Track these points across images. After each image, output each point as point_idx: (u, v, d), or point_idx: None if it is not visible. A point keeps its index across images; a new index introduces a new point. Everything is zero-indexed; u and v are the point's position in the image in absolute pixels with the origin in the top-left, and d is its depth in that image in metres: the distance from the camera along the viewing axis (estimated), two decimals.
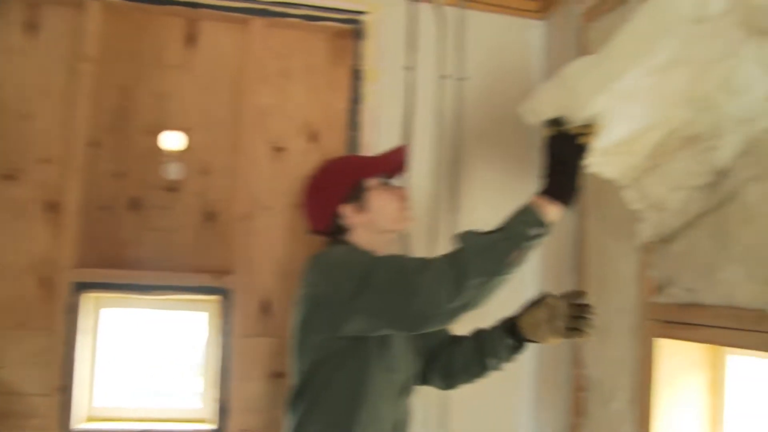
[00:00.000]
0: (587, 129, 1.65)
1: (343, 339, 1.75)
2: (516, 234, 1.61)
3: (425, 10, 2.74)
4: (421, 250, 2.61)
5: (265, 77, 2.60)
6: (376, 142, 2.60)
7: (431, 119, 2.72)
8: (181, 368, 2.71)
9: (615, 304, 2.18)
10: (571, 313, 1.82)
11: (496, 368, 1.98)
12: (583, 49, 2.54)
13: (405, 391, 1.91)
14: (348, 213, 1.90)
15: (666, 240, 1.94)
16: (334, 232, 1.95)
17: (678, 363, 1.94)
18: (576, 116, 1.66)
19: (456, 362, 2.01)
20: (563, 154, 1.66)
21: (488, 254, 1.59)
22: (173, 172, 2.50)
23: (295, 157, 2.62)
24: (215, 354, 2.45)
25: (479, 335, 1.99)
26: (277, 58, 2.64)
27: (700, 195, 1.80)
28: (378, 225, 1.92)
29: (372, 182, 1.93)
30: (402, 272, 1.63)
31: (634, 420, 2.02)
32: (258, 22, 2.55)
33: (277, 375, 2.47)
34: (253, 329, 2.48)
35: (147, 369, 2.66)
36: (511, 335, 1.91)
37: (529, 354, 2.71)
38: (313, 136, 2.66)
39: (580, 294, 1.89)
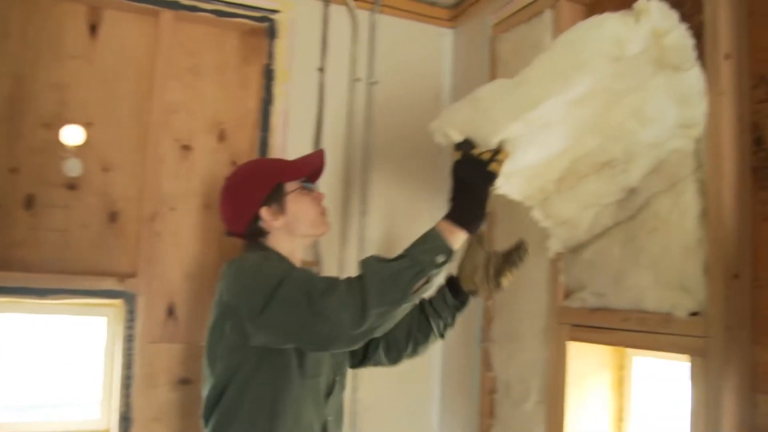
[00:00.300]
0: (497, 155, 1.66)
1: (256, 347, 1.70)
2: (420, 262, 1.59)
3: (338, 12, 2.73)
4: (330, 253, 2.60)
5: (174, 73, 2.51)
6: (286, 143, 2.57)
7: (342, 122, 2.71)
8: (78, 377, 2.57)
9: (526, 309, 2.25)
10: (506, 257, 1.87)
11: (440, 333, 1.97)
12: (493, 59, 2.60)
13: (332, 391, 1.88)
14: (266, 216, 1.87)
15: (577, 249, 2.02)
16: (252, 234, 1.90)
17: (587, 364, 2.03)
18: (487, 140, 1.66)
19: (399, 334, 1.99)
20: (471, 180, 1.66)
21: (392, 284, 1.57)
22: (72, 168, 2.35)
23: (204, 157, 2.54)
24: (117, 361, 2.34)
25: (421, 307, 1.99)
26: (187, 54, 2.55)
27: (610, 210, 1.89)
28: (296, 229, 1.90)
29: (291, 186, 1.90)
30: (308, 294, 1.58)
31: (545, 420, 2.08)
32: (167, 15, 2.46)
33: (185, 382, 2.39)
34: (158, 335, 2.38)
35: (40, 378, 2.51)
36: (451, 291, 1.94)
37: (436, 358, 2.77)
38: (222, 136, 2.58)
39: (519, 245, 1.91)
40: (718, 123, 1.67)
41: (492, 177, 1.66)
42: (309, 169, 1.97)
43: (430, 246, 1.62)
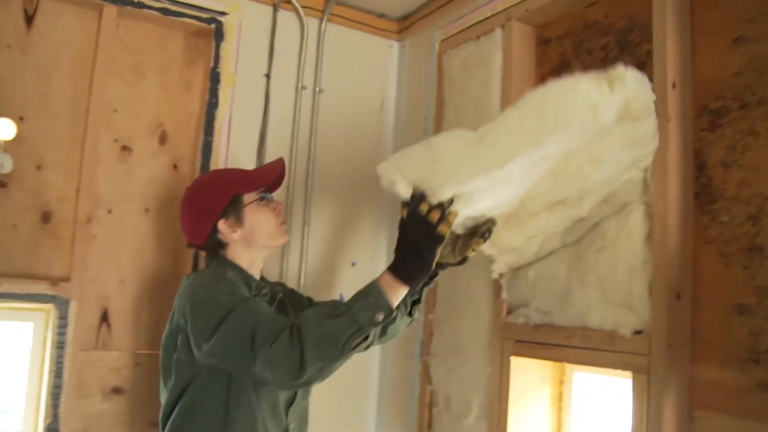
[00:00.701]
0: (447, 215, 1.61)
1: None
2: (359, 321, 1.56)
3: (287, 19, 2.71)
4: (272, 263, 2.56)
5: (115, 70, 2.42)
6: (230, 148, 2.52)
7: (287, 129, 2.69)
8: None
9: (468, 324, 2.27)
10: (473, 231, 1.84)
11: (408, 311, 1.93)
12: (440, 74, 2.64)
13: (294, 399, 1.87)
14: (224, 229, 1.85)
15: (521, 268, 2.06)
16: (212, 247, 1.89)
17: (528, 380, 2.07)
18: (441, 194, 1.60)
19: None
20: (417, 240, 1.61)
21: (330, 343, 1.54)
22: (2, 164, 2.22)
23: (144, 159, 2.46)
24: (45, 369, 2.22)
25: None
26: (129, 52, 2.47)
27: (558, 236, 1.93)
28: (255, 241, 1.88)
29: (249, 198, 1.89)
30: (252, 336, 1.56)
31: None
32: (111, 10, 2.37)
33: (117, 391, 2.30)
34: (91, 342, 2.29)
35: None
36: None
37: (374, 371, 2.76)
38: (164, 138, 2.51)
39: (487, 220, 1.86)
40: (665, 149, 1.73)
41: (440, 239, 1.61)
42: (267, 179, 1.96)
43: (372, 303, 1.58)
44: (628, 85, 1.62)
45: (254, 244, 1.89)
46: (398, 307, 1.86)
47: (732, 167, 1.68)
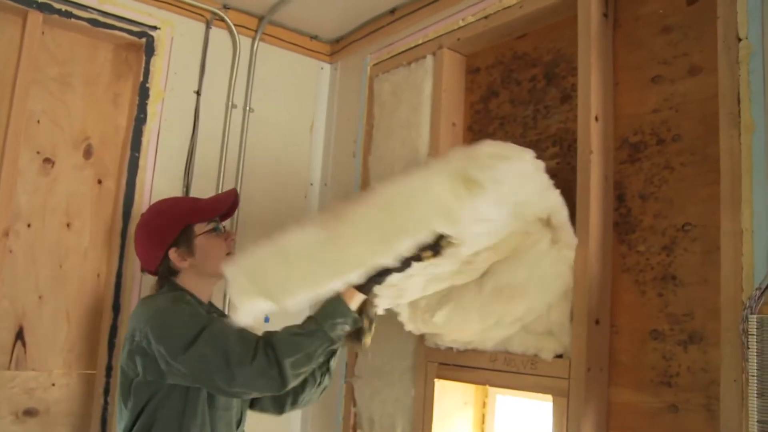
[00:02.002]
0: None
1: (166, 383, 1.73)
2: (331, 338, 1.66)
3: (220, 36, 2.69)
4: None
5: (39, 80, 2.35)
6: (157, 165, 2.48)
7: (216, 147, 2.66)
8: None
9: (393, 347, 2.29)
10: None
11: (317, 381, 1.95)
12: (370, 97, 2.67)
13: (241, 420, 1.92)
14: (174, 258, 1.88)
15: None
16: (164, 273, 1.90)
17: (452, 402, 2.11)
18: (292, 300, 1.58)
19: None
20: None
21: (306, 358, 1.64)
22: None
23: (67, 172, 2.39)
24: None
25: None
26: (55, 62, 2.40)
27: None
28: (204, 270, 1.91)
29: (200, 228, 1.91)
30: (226, 356, 1.62)
31: None
32: (36, 18, 2.30)
33: (30, 413, 2.20)
34: (3, 361, 2.19)
35: None
36: None
37: None
38: (88, 152, 2.44)
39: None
40: (587, 180, 1.81)
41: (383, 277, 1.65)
42: (219, 210, 1.98)
43: (341, 319, 1.67)
44: (495, 186, 1.51)
45: (203, 273, 1.91)
46: (310, 378, 1.94)
47: (649, 199, 1.77)
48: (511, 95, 2.22)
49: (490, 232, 1.66)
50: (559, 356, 1.79)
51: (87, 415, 2.31)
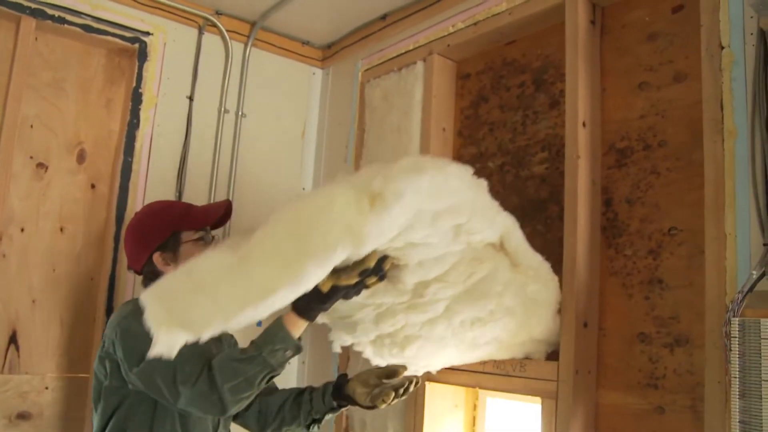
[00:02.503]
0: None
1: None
2: (271, 365, 1.62)
3: (212, 42, 2.71)
4: None
5: (32, 85, 2.36)
6: (150, 169, 2.50)
7: (209, 152, 2.68)
8: None
9: None
10: (394, 385, 1.83)
11: (305, 424, 1.94)
12: (362, 102, 2.70)
13: (218, 426, 1.89)
14: (159, 262, 1.88)
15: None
16: (147, 275, 1.90)
17: (443, 404, 2.13)
18: (206, 331, 1.45)
19: (273, 403, 1.98)
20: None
21: (247, 384, 1.61)
22: None
23: (61, 177, 2.40)
24: None
25: (302, 390, 1.98)
26: (48, 67, 2.41)
27: None
28: None
29: (187, 236, 1.91)
30: (173, 372, 1.61)
31: None
32: (29, 23, 2.31)
33: (24, 417, 2.21)
34: None
35: None
36: (335, 390, 1.92)
37: None
38: (82, 157, 2.45)
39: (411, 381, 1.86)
40: (575, 185, 1.83)
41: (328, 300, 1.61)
42: (209, 220, 1.97)
43: (281, 345, 1.63)
44: (398, 199, 1.37)
45: None
46: (299, 414, 1.93)
47: (636, 204, 1.80)
48: (500, 101, 2.25)
49: (433, 258, 1.57)
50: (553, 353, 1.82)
51: (80, 418, 2.32)
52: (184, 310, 1.45)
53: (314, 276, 1.40)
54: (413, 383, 1.81)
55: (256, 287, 1.39)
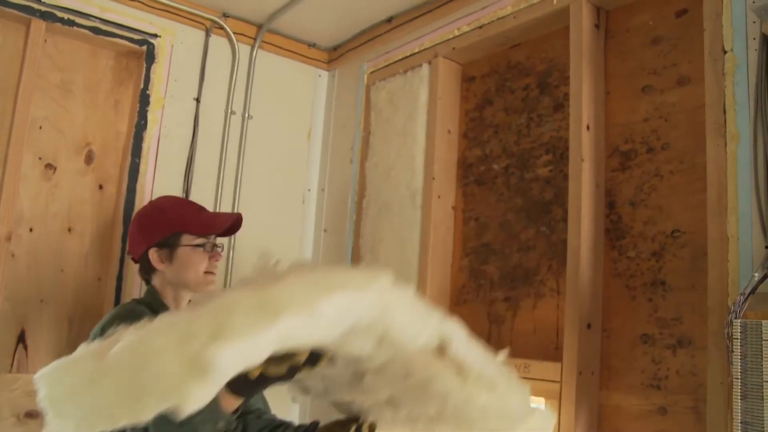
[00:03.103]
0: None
1: None
2: (193, 427, 1.46)
3: (219, 44, 2.73)
4: None
5: (41, 87, 2.38)
6: (158, 170, 2.52)
7: (215, 153, 2.70)
8: None
9: None
10: None
11: None
12: (367, 104, 2.72)
13: None
14: (154, 258, 1.87)
15: None
16: (143, 266, 1.90)
17: None
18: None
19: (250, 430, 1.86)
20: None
21: None
22: None
23: (69, 178, 2.42)
24: None
25: (280, 424, 1.95)
26: (57, 69, 2.44)
27: None
28: (178, 279, 1.88)
29: (188, 239, 1.89)
30: None
31: None
32: (39, 26, 2.34)
33: (31, 416, 2.23)
34: (5, 364, 2.22)
35: None
36: None
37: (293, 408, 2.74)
38: (90, 158, 2.48)
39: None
40: (579, 187, 1.85)
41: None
42: (211, 229, 1.94)
43: (209, 415, 1.46)
44: (220, 373, 1.08)
45: (176, 283, 1.89)
46: None
47: (639, 206, 1.81)
48: (505, 104, 2.27)
49: (366, 356, 1.39)
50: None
51: None
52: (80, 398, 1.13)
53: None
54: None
55: (109, 410, 1.10)
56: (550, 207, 2.04)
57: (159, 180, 2.52)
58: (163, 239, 1.87)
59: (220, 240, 2.00)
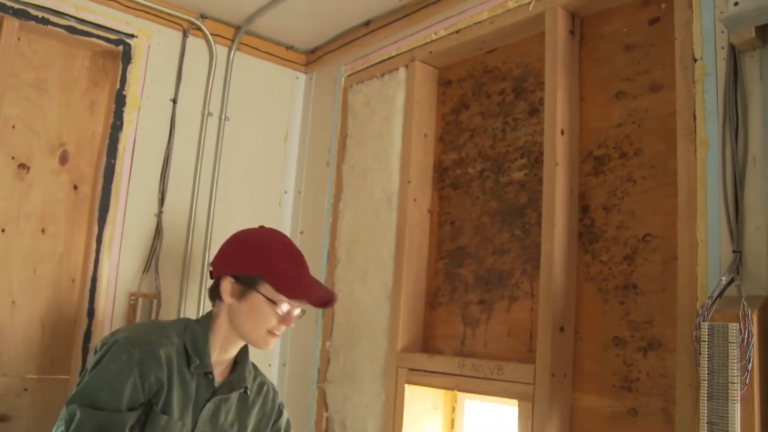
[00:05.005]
0: None
1: None
2: None
3: (196, 45, 2.73)
4: (172, 287, 2.55)
5: (15, 85, 2.36)
6: (133, 171, 2.51)
7: (192, 155, 2.69)
8: None
9: (365, 352, 2.33)
10: None
11: None
12: (344, 107, 2.73)
13: None
14: (226, 287, 1.75)
15: None
16: (213, 288, 1.80)
17: (422, 407, 2.16)
18: None
19: None
20: None
21: None
22: None
23: (43, 178, 2.40)
24: None
25: None
26: (31, 67, 2.41)
27: None
28: (236, 322, 1.76)
29: (269, 291, 1.72)
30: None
31: None
32: (12, 23, 2.31)
33: (2, 419, 2.21)
34: None
35: None
36: None
37: None
38: (64, 158, 2.46)
39: None
40: (553, 191, 1.87)
41: None
42: (295, 293, 1.76)
43: None
44: None
45: (235, 326, 1.76)
46: None
47: (612, 211, 1.84)
48: (481, 108, 2.29)
49: None
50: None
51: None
52: None
53: None
54: None
55: None
56: (525, 211, 2.06)
57: (134, 181, 2.51)
58: (245, 275, 1.74)
59: (303, 308, 1.81)
